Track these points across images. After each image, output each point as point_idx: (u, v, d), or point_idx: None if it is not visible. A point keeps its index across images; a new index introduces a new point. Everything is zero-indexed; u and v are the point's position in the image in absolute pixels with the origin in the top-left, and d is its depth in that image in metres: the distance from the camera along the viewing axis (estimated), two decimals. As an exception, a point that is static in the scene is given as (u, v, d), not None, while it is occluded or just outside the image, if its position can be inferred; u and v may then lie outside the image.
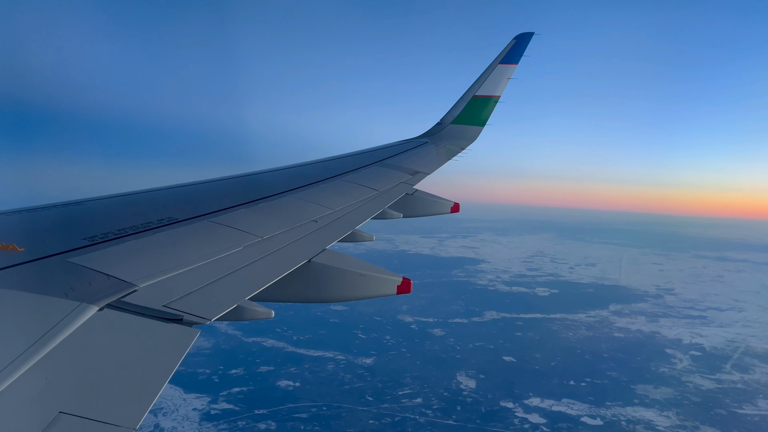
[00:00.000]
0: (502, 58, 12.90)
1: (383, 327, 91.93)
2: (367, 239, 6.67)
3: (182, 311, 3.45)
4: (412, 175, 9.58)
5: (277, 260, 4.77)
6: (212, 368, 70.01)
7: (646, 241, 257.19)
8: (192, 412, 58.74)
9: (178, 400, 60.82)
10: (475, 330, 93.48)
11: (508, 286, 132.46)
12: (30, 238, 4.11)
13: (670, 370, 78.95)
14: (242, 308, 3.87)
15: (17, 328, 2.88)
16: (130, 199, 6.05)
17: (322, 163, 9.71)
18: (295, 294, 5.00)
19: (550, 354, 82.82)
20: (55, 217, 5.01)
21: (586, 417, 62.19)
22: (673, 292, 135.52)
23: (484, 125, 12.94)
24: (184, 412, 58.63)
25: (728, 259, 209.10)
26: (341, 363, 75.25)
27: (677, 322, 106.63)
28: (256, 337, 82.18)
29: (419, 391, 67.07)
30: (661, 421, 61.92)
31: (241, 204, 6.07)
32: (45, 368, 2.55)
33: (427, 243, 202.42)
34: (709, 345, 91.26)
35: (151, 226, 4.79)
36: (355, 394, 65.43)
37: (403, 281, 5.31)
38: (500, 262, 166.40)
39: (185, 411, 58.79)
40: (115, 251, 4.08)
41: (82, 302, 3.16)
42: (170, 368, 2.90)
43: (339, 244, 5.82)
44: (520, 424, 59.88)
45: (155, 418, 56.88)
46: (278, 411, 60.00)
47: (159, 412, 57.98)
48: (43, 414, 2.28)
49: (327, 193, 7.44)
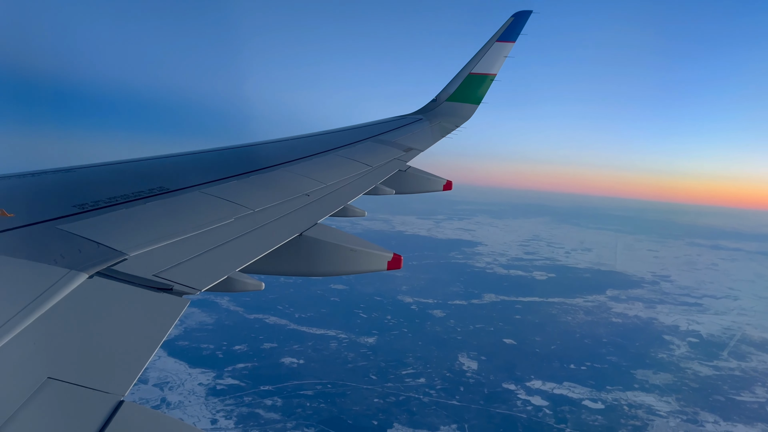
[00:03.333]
0: (499, 36, 12.71)
1: (384, 307, 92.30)
2: (359, 214, 6.61)
3: (172, 281, 3.43)
4: (406, 152, 9.55)
5: (268, 233, 4.76)
6: (216, 344, 70.16)
7: (640, 228, 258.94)
8: (198, 387, 58.92)
9: (184, 375, 60.96)
10: (474, 312, 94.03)
11: (506, 269, 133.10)
12: (20, 204, 4.06)
13: (668, 356, 79.87)
14: (233, 280, 3.85)
15: (6, 294, 2.84)
16: (122, 168, 5.97)
17: (316, 137, 9.60)
18: (286, 267, 5.00)
19: (549, 337, 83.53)
20: (46, 184, 4.96)
21: (587, 400, 62.90)
22: (668, 279, 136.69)
23: (479, 103, 12.83)
24: (190, 386, 58.79)
25: (722, 247, 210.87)
26: (344, 342, 75.59)
27: (674, 308, 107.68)
28: (258, 314, 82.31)
29: (422, 371, 67.57)
30: (661, 406, 62.74)
31: (233, 176, 6.04)
32: (34, 334, 2.54)
33: (424, 224, 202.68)
34: (706, 332, 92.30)
35: (142, 196, 4.75)
36: (359, 373, 65.82)
37: (393, 257, 5.31)
38: (497, 245, 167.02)
39: (191, 386, 58.95)
40: (105, 219, 4.06)
41: (72, 269, 3.13)
42: (159, 337, 2.89)
43: (331, 219, 5.83)
44: (523, 405, 60.50)
45: (161, 392, 57.04)
46: (283, 388, 60.31)
47: (165, 386, 58.11)
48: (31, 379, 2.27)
49: (320, 167, 7.38)
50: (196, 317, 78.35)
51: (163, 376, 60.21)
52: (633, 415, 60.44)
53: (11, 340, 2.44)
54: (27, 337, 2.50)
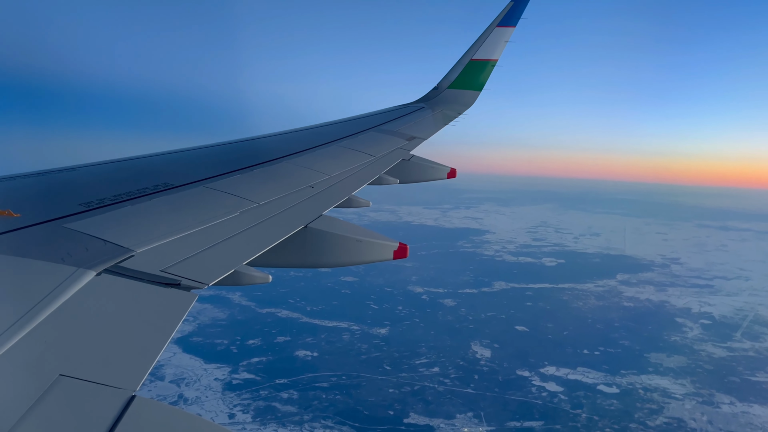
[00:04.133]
0: (499, 21, 12.61)
1: (395, 298, 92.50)
2: (363, 205, 6.62)
3: (180, 276, 3.44)
4: (409, 141, 9.52)
5: (273, 226, 4.77)
6: (230, 339, 70.56)
7: (648, 211, 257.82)
8: (214, 382, 59.35)
9: (199, 371, 61.38)
10: (485, 300, 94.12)
11: (515, 256, 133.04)
12: (26, 204, 4.09)
13: (681, 338, 79.78)
14: (240, 273, 3.86)
15: (16, 294, 2.86)
16: (126, 165, 6.00)
17: (318, 129, 9.60)
18: (292, 259, 5.02)
19: (562, 323, 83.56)
20: (51, 183, 5.00)
21: (602, 385, 62.99)
22: (678, 262, 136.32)
23: (481, 89, 12.77)
24: (206, 382, 59.21)
25: (731, 228, 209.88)
26: (356, 333, 75.85)
27: (685, 291, 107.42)
28: (270, 308, 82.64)
29: (436, 361, 67.77)
30: (676, 389, 62.76)
31: (237, 170, 6.06)
32: (45, 332, 2.56)
33: (431, 214, 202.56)
34: (719, 314, 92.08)
35: (147, 192, 4.77)
36: (373, 364, 66.09)
37: (399, 246, 5.31)
38: (505, 233, 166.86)
39: (207, 381, 59.37)
40: (111, 217, 4.07)
41: (80, 267, 3.14)
42: (168, 332, 2.89)
43: (336, 210, 5.83)
44: (537, 392, 60.66)
45: (178, 388, 57.47)
46: (299, 380, 60.65)
47: (182, 383, 58.54)
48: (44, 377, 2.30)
49: (323, 158, 7.39)
50: (209, 313, 78.77)
51: (179, 372, 60.63)
52: (648, 398, 60.51)
53: (22, 338, 2.46)
54: (38, 335, 2.53)
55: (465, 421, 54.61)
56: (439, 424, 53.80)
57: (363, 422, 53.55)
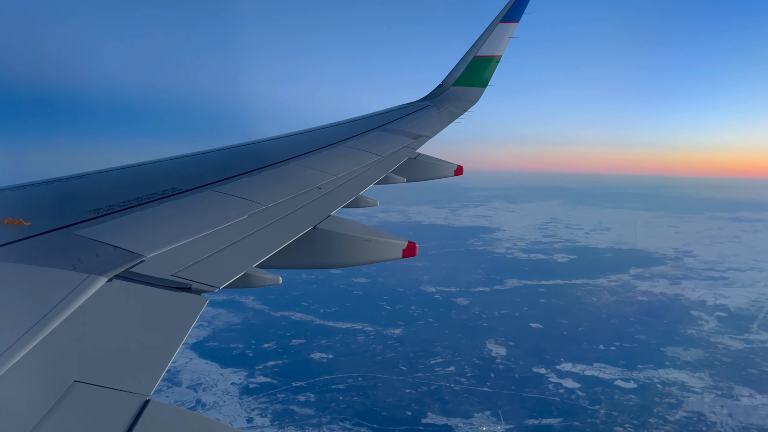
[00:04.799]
0: (502, 17, 12.56)
1: (407, 298, 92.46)
2: (371, 204, 6.65)
3: (190, 280, 3.47)
4: (415, 139, 9.52)
5: (282, 227, 4.81)
6: (245, 343, 70.75)
7: (657, 204, 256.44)
8: (231, 386, 59.51)
9: (216, 376, 61.56)
10: (498, 298, 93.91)
11: (526, 253, 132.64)
12: (36, 213, 4.14)
13: (697, 331, 79.27)
14: (250, 275, 3.89)
15: (29, 301, 2.89)
16: (134, 171, 6.05)
17: (324, 130, 9.61)
18: (301, 260, 5.04)
19: (576, 319, 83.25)
20: (60, 191, 5.05)
21: (619, 380, 62.69)
22: (691, 254, 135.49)
23: (486, 86, 12.75)
24: (224, 386, 59.39)
25: (743, 219, 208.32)
26: (371, 334, 75.86)
27: (699, 283, 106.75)
28: (284, 311, 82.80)
29: (451, 360, 67.67)
30: (695, 383, 62.36)
31: (245, 173, 6.08)
32: (58, 339, 2.59)
33: (440, 213, 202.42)
34: (734, 305, 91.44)
35: (155, 197, 4.80)
36: (389, 365, 66.08)
37: (408, 245, 5.31)
38: (515, 230, 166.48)
39: (224, 386, 59.55)
40: (120, 223, 4.11)
41: (91, 274, 3.17)
42: (181, 336, 2.91)
43: (344, 210, 5.84)
44: (555, 389, 60.44)
45: (196, 393, 57.67)
46: (315, 383, 60.71)
47: (199, 388, 58.75)
48: (58, 383, 2.32)
49: (329, 159, 7.41)
50: (223, 318, 79.02)
51: (196, 377, 60.84)
52: (667, 392, 60.15)
53: (37, 345, 2.49)
54: (52, 342, 2.55)
55: (483, 419, 54.50)
56: (458, 424, 53.72)
57: (381, 423, 53.55)
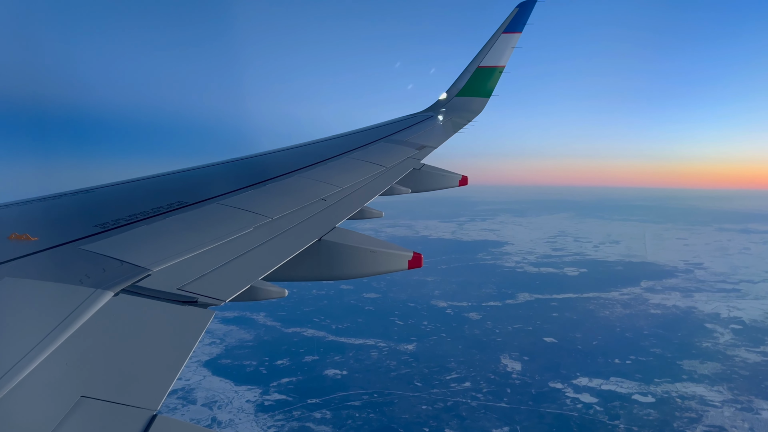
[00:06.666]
0: (505, 27, 12.67)
1: (419, 313, 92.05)
2: (376, 215, 6.67)
3: (196, 293, 3.48)
4: (419, 150, 9.55)
5: (288, 240, 4.81)
6: (258, 360, 70.43)
7: (666, 217, 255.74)
8: (246, 404, 59.11)
9: (230, 393, 61.23)
10: (511, 312, 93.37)
11: (536, 267, 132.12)
12: (42, 228, 4.17)
13: (713, 344, 78.51)
14: (256, 288, 3.90)
15: (36, 316, 2.90)
16: (139, 185, 6.08)
17: (328, 142, 9.67)
18: (307, 272, 5.05)
19: (590, 333, 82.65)
20: (66, 206, 5.08)
21: (637, 395, 62.04)
22: (702, 267, 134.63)
23: (489, 96, 12.80)
24: (238, 404, 59.01)
25: (752, 230, 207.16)
26: (384, 350, 75.43)
27: (712, 296, 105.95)
28: (296, 327, 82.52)
29: (466, 375, 67.15)
30: (713, 396, 61.63)
31: (250, 185, 6.11)
32: (65, 354, 2.60)
33: (447, 227, 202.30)
34: (749, 318, 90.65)
35: (161, 211, 4.82)
36: (404, 381, 65.61)
37: (414, 256, 5.31)
38: (524, 244, 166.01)
39: (239, 403, 59.17)
40: (126, 237, 4.12)
41: (98, 288, 3.19)
42: (188, 350, 2.91)
43: (349, 222, 5.82)
44: (572, 404, 59.83)
45: (211, 411, 57.32)
46: (330, 400, 60.28)
47: (213, 405, 58.40)
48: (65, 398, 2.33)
49: (334, 171, 7.43)
50: (235, 335, 78.79)
51: (211, 395, 60.52)
52: (686, 407, 59.43)
53: (44, 361, 2.50)
54: (59, 357, 2.56)
55: (501, 435, 53.95)
56: (476, 440, 53.20)
57: (398, 440, 53.09)
